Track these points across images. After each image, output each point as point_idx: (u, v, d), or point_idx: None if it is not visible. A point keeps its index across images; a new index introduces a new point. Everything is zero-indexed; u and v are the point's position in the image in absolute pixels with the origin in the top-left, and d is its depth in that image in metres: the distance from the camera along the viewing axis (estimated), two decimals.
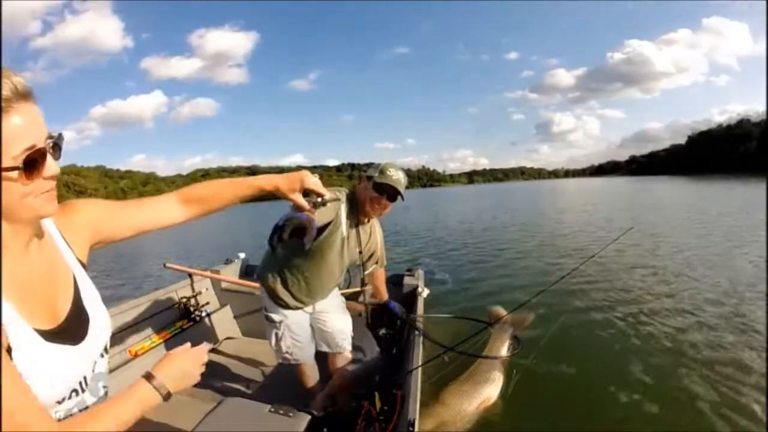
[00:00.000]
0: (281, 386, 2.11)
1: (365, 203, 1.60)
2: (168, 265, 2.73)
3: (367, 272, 1.87)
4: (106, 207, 0.69)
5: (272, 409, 1.28)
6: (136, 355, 2.05)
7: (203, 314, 2.52)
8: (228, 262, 2.90)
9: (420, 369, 1.45)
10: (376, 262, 1.88)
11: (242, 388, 2.12)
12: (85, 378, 0.59)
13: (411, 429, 1.10)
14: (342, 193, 1.61)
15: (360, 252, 1.72)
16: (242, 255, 3.01)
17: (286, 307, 1.65)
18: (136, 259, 9.93)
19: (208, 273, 2.70)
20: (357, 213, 1.65)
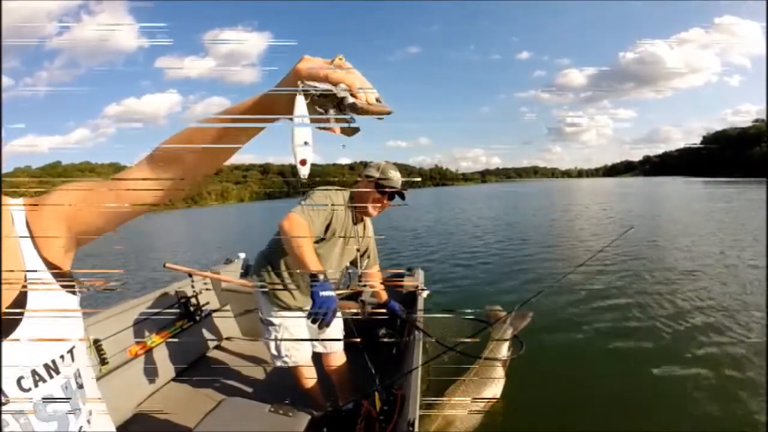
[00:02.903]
0: (281, 386, 2.11)
1: (367, 203, 1.63)
2: (168, 265, 2.72)
3: (362, 271, 1.88)
4: (80, 189, 0.55)
5: (272, 409, 1.29)
6: (136, 355, 2.04)
7: (203, 314, 2.52)
8: (228, 262, 2.90)
9: (420, 369, 1.44)
10: (369, 259, 1.90)
11: (242, 388, 2.12)
12: None
13: (411, 429, 1.10)
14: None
15: (357, 250, 1.73)
16: (242, 255, 3.01)
17: (286, 308, 1.64)
18: (140, 257, 9.93)
19: (207, 273, 2.69)
20: (354, 212, 1.67)
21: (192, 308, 2.48)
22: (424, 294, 2.29)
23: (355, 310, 2.19)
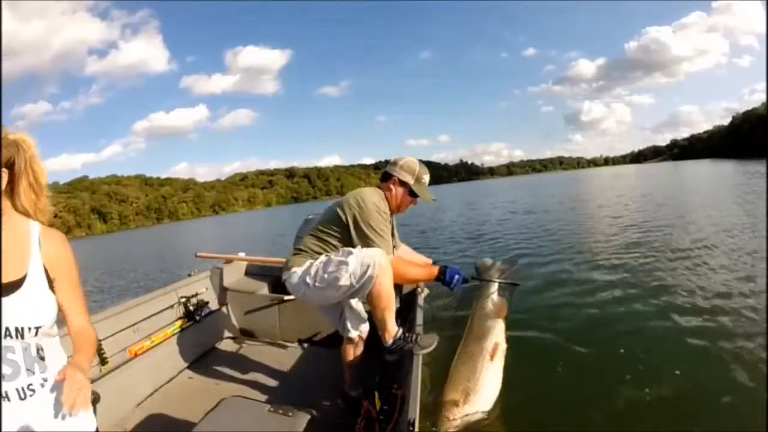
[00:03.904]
0: (281, 386, 2.11)
1: (400, 206, 1.79)
2: (199, 254, 2.85)
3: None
4: (64, 264, 0.83)
5: (272, 409, 1.29)
6: (135, 355, 2.04)
7: (203, 314, 2.52)
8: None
9: (420, 369, 1.44)
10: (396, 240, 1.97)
11: (242, 388, 2.12)
12: None
13: (411, 429, 1.09)
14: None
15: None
16: (242, 254, 3.04)
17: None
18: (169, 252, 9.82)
19: (236, 256, 2.89)
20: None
21: (192, 308, 2.48)
22: (424, 293, 2.28)
23: None
